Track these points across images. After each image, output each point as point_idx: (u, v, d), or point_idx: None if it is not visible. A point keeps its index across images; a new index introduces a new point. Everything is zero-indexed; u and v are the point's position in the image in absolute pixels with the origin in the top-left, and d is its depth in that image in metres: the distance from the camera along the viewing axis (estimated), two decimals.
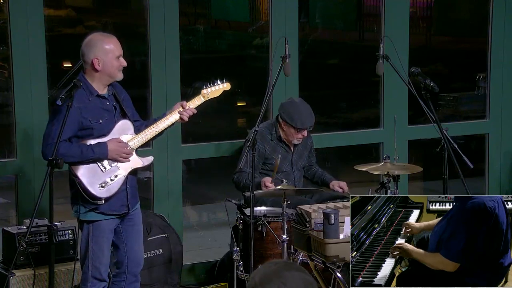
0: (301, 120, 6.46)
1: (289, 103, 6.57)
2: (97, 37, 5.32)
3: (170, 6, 6.76)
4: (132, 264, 5.50)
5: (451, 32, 10.22)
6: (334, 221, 4.98)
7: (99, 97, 5.30)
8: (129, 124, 5.37)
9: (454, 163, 5.72)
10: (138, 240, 5.54)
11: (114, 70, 5.29)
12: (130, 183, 5.37)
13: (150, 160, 5.48)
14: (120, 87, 5.48)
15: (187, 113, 5.44)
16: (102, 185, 5.24)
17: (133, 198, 5.43)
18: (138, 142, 5.37)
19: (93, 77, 5.29)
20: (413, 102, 6.48)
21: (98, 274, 5.35)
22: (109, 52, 5.26)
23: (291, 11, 7.18)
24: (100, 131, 5.27)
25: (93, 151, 5.20)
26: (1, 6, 7.21)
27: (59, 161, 5.00)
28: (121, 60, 5.31)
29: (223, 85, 5.62)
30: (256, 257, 5.83)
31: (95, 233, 5.30)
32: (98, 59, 5.24)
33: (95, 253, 5.31)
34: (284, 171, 6.55)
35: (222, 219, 7.22)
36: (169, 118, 5.44)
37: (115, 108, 5.36)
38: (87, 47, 5.29)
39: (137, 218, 5.52)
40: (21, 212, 6.46)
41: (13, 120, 6.45)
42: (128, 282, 5.52)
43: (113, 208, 5.32)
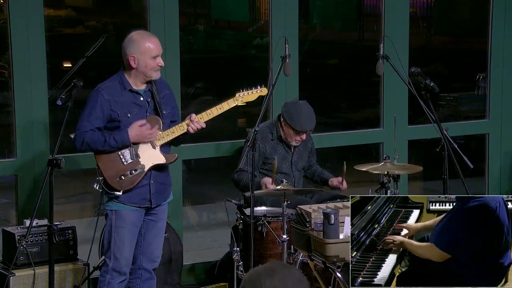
0: (301, 123, 6.44)
1: (292, 104, 6.55)
2: (137, 35, 5.41)
3: (170, 6, 6.76)
4: (147, 260, 5.53)
5: (451, 32, 10.23)
6: (334, 221, 4.98)
7: (132, 92, 5.37)
8: (157, 119, 5.41)
9: (454, 163, 5.72)
10: (157, 238, 5.58)
11: (148, 70, 5.36)
12: (154, 179, 5.42)
13: (175, 157, 5.50)
14: (164, 84, 5.57)
15: (195, 125, 5.45)
16: (121, 177, 5.30)
17: (158, 194, 5.47)
18: (164, 139, 5.41)
19: (129, 73, 5.39)
20: (413, 102, 6.49)
21: (118, 266, 5.39)
22: (145, 52, 5.34)
23: (291, 11, 7.18)
24: (127, 125, 5.34)
25: (115, 139, 5.29)
26: (1, 6, 7.22)
27: (59, 161, 5.01)
28: (158, 60, 5.37)
29: (260, 90, 5.63)
30: (256, 257, 5.83)
31: (117, 222, 5.37)
32: (134, 57, 5.33)
33: (116, 243, 5.37)
34: (283, 172, 6.54)
35: (222, 219, 7.22)
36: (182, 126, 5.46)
37: (148, 103, 5.41)
38: (126, 43, 5.38)
39: (161, 215, 5.56)
40: (21, 212, 6.46)
41: (13, 120, 6.44)
42: (143, 279, 5.56)
43: (133, 201, 5.38)
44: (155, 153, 5.41)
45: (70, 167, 6.39)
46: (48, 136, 6.44)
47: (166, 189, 5.57)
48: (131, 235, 5.41)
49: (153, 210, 5.49)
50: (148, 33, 5.54)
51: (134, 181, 5.34)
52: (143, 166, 5.37)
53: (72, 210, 8.02)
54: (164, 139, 5.42)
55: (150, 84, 5.43)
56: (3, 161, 6.63)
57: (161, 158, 5.43)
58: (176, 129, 5.44)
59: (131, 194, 5.35)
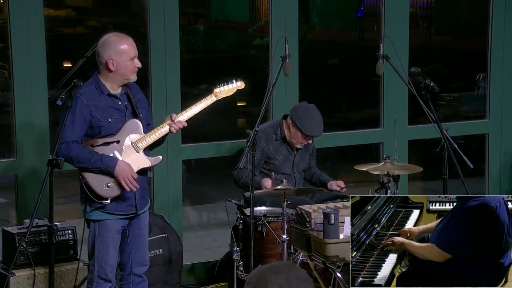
0: (311, 128, 6.46)
1: (303, 107, 6.54)
2: (113, 38, 5.30)
3: (170, 6, 6.76)
4: (137, 266, 5.49)
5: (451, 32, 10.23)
6: (334, 221, 4.98)
7: (110, 96, 5.29)
8: (138, 123, 5.34)
9: (454, 163, 5.72)
10: (143, 242, 5.53)
11: (127, 72, 5.28)
12: (139, 184, 5.31)
13: (159, 160, 5.43)
14: (137, 88, 5.47)
15: (177, 125, 5.38)
16: (107, 185, 5.22)
17: (142, 199, 5.40)
18: (146, 142, 5.34)
19: (106, 77, 5.28)
20: (413, 102, 6.48)
21: (104, 274, 5.33)
22: (123, 53, 5.25)
23: (291, 11, 7.18)
24: (108, 130, 5.26)
25: (102, 161, 5.17)
26: (1, 6, 7.22)
27: (59, 161, 5.00)
28: (135, 61, 5.30)
29: (237, 84, 5.61)
30: (256, 257, 5.83)
31: (101, 232, 5.28)
32: (113, 59, 5.23)
33: (100, 252, 5.29)
34: (285, 173, 6.54)
35: (222, 219, 7.22)
36: (164, 127, 5.39)
37: (126, 107, 5.35)
38: (102, 47, 5.27)
39: (144, 221, 5.50)
40: (21, 212, 6.46)
41: (13, 120, 6.44)
42: (135, 283, 5.51)
43: (120, 208, 5.30)
44: (140, 157, 5.33)
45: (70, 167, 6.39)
46: (48, 136, 6.44)
47: (146, 193, 5.51)
48: (115, 242, 5.34)
49: (137, 217, 5.41)
50: (123, 35, 5.38)
51: (121, 188, 5.24)
52: None
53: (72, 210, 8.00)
54: (146, 143, 5.33)
55: (126, 87, 5.36)
56: (3, 161, 6.63)
57: (146, 162, 5.36)
58: (156, 131, 5.37)
59: (118, 202, 5.27)
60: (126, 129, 5.30)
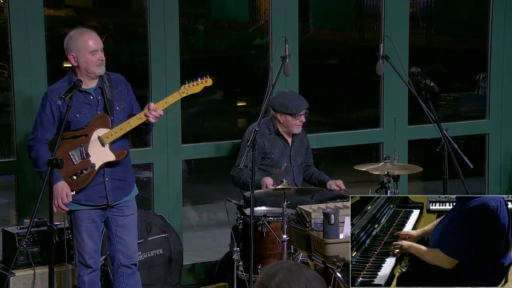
0: (296, 105, 6.54)
1: (278, 95, 6.66)
2: (74, 34, 5.45)
3: (170, 6, 6.76)
4: (123, 257, 5.60)
5: (451, 32, 10.22)
6: (334, 221, 4.98)
7: (81, 91, 5.39)
8: (107, 117, 5.44)
9: (454, 163, 5.72)
10: (129, 232, 5.62)
11: (89, 66, 5.39)
12: (110, 176, 5.47)
13: (124, 154, 5.52)
14: (120, 79, 5.57)
15: (152, 114, 5.47)
16: (72, 177, 5.38)
17: (115, 190, 5.50)
18: (113, 136, 5.44)
19: (77, 72, 5.43)
20: (413, 102, 6.48)
21: (82, 260, 5.52)
22: (82, 49, 5.37)
23: (291, 11, 7.18)
24: (77, 125, 5.40)
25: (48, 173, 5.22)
26: (1, 6, 7.21)
27: (59, 161, 5.02)
28: (97, 55, 5.36)
29: (204, 81, 5.64)
30: (256, 257, 5.83)
31: (75, 221, 5.50)
32: (74, 55, 5.39)
33: (77, 240, 5.51)
34: (283, 166, 6.57)
35: (222, 219, 7.22)
36: (140, 117, 5.47)
37: (98, 101, 5.43)
38: (66, 43, 5.45)
39: (128, 210, 5.59)
40: (21, 212, 6.46)
41: (13, 120, 6.44)
42: (125, 275, 5.62)
43: (91, 200, 5.46)
44: (105, 151, 5.45)
45: None
46: None
47: (127, 185, 5.59)
48: (89, 230, 5.50)
49: (118, 207, 5.53)
50: (85, 29, 5.53)
51: (86, 180, 5.41)
52: (94, 164, 5.42)
53: None
54: (112, 137, 5.43)
55: (102, 81, 5.44)
56: (3, 161, 6.63)
57: (110, 156, 5.46)
58: (132, 121, 5.44)
59: (87, 192, 5.43)
60: (95, 123, 5.42)
